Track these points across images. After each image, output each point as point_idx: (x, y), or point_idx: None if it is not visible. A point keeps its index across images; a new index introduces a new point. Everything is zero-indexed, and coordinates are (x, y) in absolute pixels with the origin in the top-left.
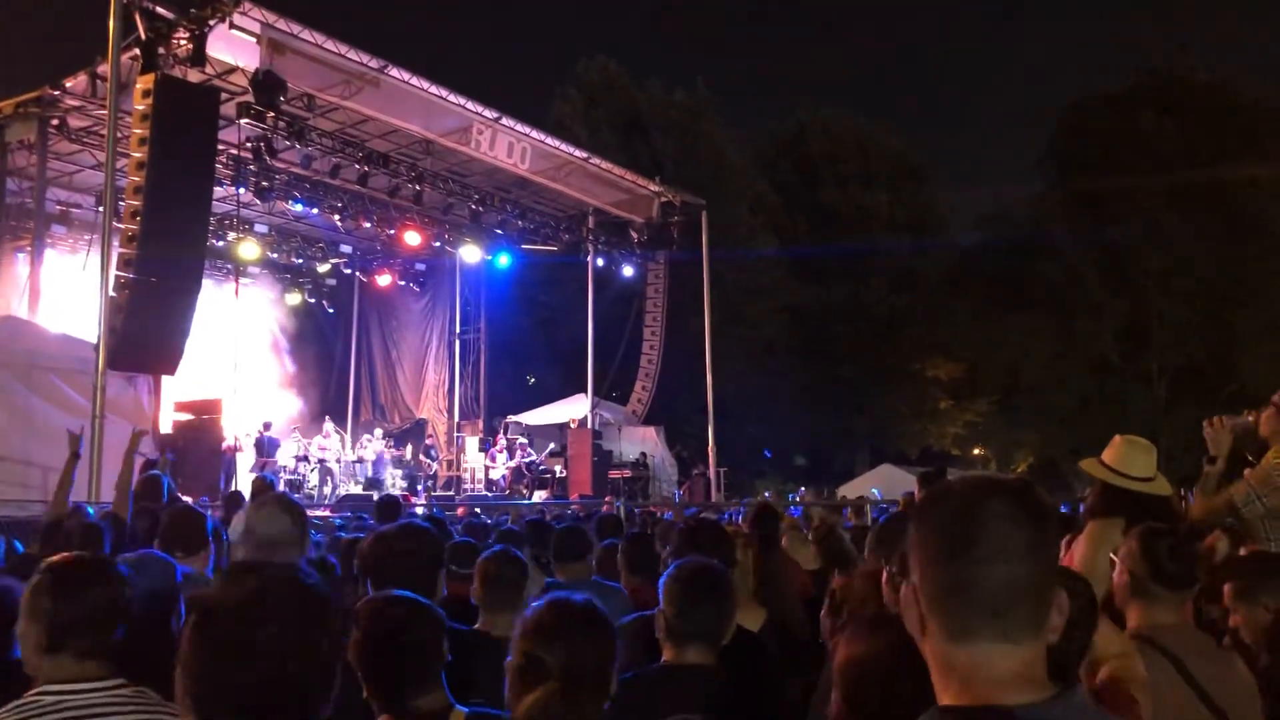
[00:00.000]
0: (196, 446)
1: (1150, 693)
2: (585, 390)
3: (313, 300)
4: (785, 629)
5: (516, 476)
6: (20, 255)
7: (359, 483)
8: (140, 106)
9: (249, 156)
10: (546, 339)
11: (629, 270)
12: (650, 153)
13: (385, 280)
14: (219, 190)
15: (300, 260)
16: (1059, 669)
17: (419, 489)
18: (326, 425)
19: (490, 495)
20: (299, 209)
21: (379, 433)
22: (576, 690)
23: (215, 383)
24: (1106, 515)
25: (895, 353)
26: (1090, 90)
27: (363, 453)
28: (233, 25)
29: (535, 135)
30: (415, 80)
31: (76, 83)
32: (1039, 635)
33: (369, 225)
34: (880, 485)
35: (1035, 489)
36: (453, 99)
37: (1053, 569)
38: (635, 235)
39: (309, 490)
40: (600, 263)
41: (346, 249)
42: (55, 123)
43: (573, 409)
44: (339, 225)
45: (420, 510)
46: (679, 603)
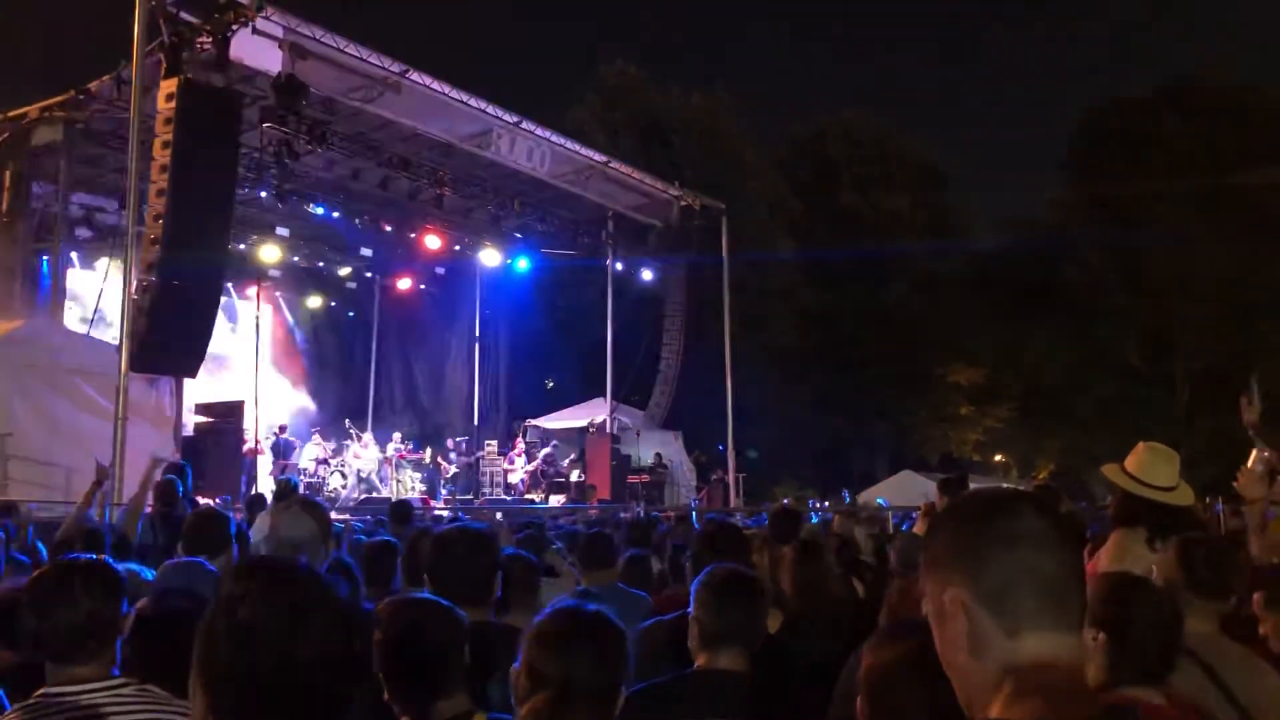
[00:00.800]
0: (218, 449)
1: None
2: (604, 394)
3: (333, 304)
4: (815, 635)
5: (535, 480)
6: (44, 258)
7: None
8: (164, 110)
9: (270, 160)
10: (566, 343)
11: (648, 274)
12: (669, 156)
13: (405, 284)
14: (240, 193)
15: (321, 264)
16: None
17: (439, 492)
18: (366, 436)
19: (509, 499)
20: (320, 212)
21: (398, 436)
22: (569, 701)
23: (236, 385)
24: (1129, 525)
25: (915, 357)
26: (1111, 94)
27: (382, 456)
28: (255, 30)
29: (555, 139)
30: (436, 84)
31: (101, 87)
32: (1083, 624)
33: (389, 229)
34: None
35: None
36: (473, 103)
37: (1082, 559)
38: (655, 239)
39: (328, 493)
40: (619, 267)
41: (367, 253)
42: (79, 127)
43: (591, 413)
44: (359, 229)
45: (445, 514)
46: (711, 608)
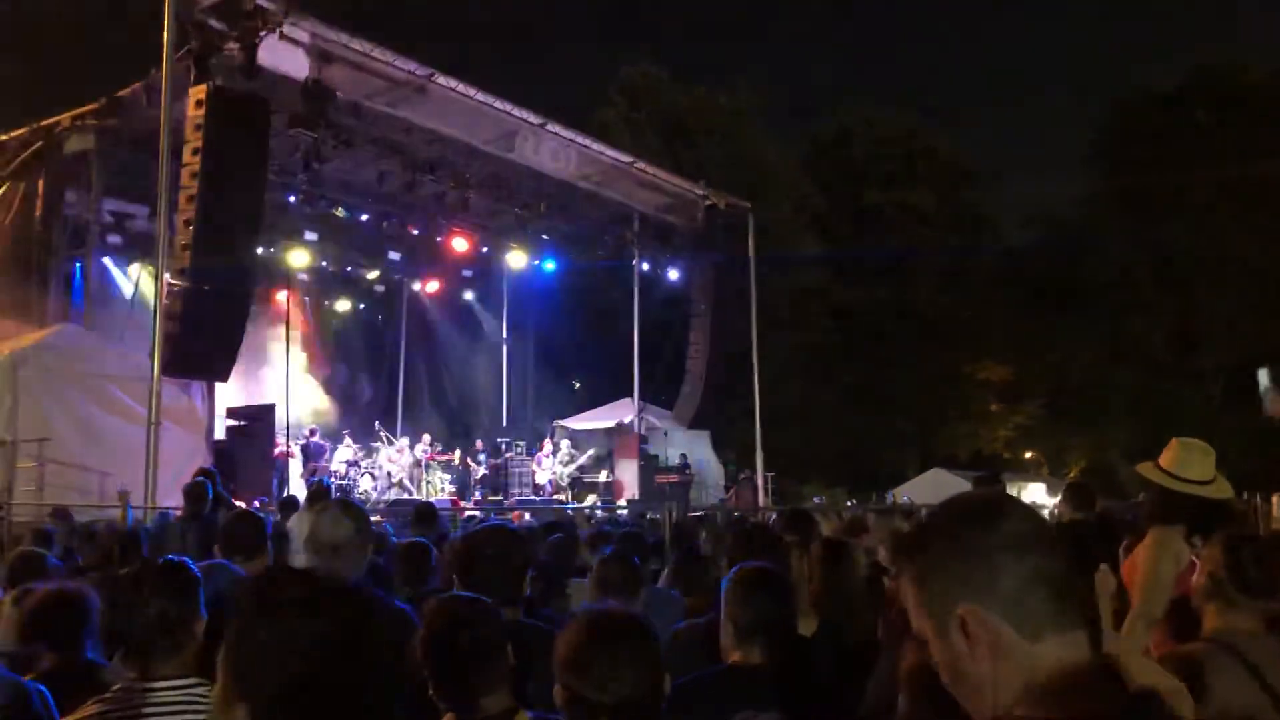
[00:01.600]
0: (249, 452)
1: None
2: (631, 394)
3: (361, 306)
4: (842, 635)
5: (573, 484)
6: (77, 265)
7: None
8: (193, 117)
9: (298, 164)
10: (592, 343)
11: (674, 274)
12: (694, 156)
13: (433, 287)
14: (268, 197)
15: (349, 268)
16: None
17: (469, 494)
18: (401, 441)
19: (537, 499)
20: (347, 216)
21: (427, 438)
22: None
23: (266, 389)
24: (1166, 522)
25: (943, 355)
26: (1139, 87)
27: (411, 457)
28: (282, 35)
29: (580, 140)
30: (461, 87)
31: (131, 95)
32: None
33: (416, 232)
34: (924, 491)
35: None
36: (498, 105)
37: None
38: (680, 239)
39: (359, 495)
40: (645, 267)
41: (394, 256)
42: (110, 135)
43: (619, 413)
44: (387, 232)
45: (475, 515)
46: (741, 602)
